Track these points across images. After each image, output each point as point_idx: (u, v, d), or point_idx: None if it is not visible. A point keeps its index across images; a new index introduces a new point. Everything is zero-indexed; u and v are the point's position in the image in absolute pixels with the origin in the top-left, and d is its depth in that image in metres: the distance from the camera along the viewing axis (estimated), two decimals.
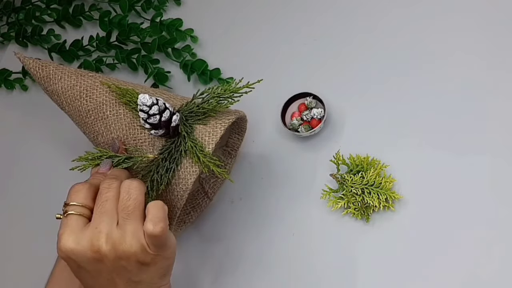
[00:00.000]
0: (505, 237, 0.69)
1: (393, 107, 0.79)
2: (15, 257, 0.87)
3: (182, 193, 0.69)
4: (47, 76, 0.75)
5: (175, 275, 0.78)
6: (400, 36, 0.82)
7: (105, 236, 0.57)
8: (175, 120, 0.66)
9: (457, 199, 0.72)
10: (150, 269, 0.59)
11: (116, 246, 0.57)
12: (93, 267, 0.58)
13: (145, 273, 0.59)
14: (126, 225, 0.57)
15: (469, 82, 0.77)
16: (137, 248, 0.57)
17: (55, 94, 0.76)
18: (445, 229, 0.71)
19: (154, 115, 0.65)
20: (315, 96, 0.80)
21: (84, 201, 0.59)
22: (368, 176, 0.72)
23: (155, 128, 0.66)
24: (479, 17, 0.80)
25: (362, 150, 0.76)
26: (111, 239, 0.57)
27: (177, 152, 0.68)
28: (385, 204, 0.72)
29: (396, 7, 0.84)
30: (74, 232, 0.57)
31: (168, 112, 0.66)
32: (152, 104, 0.64)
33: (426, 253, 0.70)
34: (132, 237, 0.57)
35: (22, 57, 0.77)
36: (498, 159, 0.72)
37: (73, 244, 0.57)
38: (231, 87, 0.70)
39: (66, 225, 0.58)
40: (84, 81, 0.73)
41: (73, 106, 0.75)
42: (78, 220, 0.58)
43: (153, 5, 0.95)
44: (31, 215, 0.88)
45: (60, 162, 0.89)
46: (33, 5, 1.01)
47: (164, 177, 0.68)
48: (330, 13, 0.88)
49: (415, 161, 0.75)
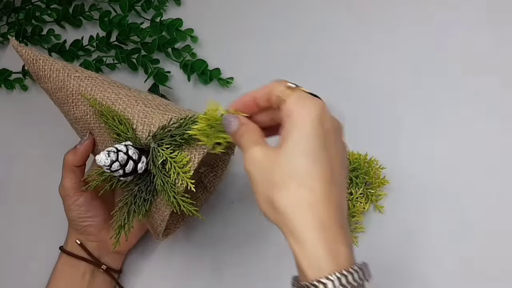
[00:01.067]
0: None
1: (393, 107, 0.79)
2: (17, 255, 0.87)
3: (160, 222, 0.68)
4: (37, 72, 0.73)
5: (175, 274, 0.79)
6: (400, 36, 0.83)
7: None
8: (141, 168, 0.64)
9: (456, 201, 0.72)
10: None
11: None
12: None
13: None
14: None
15: (469, 81, 0.77)
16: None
17: (47, 92, 0.74)
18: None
19: (116, 170, 0.63)
20: (315, 96, 0.79)
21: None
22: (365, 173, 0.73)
23: (123, 176, 0.65)
24: (478, 14, 0.80)
25: (362, 150, 0.76)
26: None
27: (152, 185, 0.65)
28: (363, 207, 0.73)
29: (395, 7, 0.84)
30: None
31: (132, 164, 0.63)
32: (112, 162, 0.62)
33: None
34: None
35: (16, 44, 0.73)
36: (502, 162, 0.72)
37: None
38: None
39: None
40: (70, 83, 0.70)
41: (63, 110, 0.73)
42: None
43: (153, 5, 0.95)
44: (31, 215, 0.88)
45: (60, 162, 0.89)
46: (33, 5, 1.00)
47: (142, 207, 0.66)
48: (331, 13, 0.88)
49: (414, 162, 0.75)
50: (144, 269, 0.80)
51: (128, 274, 0.80)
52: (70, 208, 0.73)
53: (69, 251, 0.74)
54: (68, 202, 0.73)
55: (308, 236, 0.49)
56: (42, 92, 0.96)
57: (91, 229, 0.74)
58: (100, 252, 0.75)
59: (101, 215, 0.74)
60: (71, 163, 0.72)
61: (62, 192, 0.73)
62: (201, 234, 0.80)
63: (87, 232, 0.74)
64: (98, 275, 0.75)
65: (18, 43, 0.73)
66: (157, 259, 0.80)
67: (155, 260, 0.80)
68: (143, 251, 0.81)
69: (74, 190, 0.72)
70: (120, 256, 0.78)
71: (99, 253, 0.75)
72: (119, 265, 0.78)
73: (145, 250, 0.81)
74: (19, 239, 0.88)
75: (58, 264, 0.75)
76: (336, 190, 0.51)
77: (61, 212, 0.76)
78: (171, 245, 0.80)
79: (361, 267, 0.49)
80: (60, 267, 0.75)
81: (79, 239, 0.74)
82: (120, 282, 0.78)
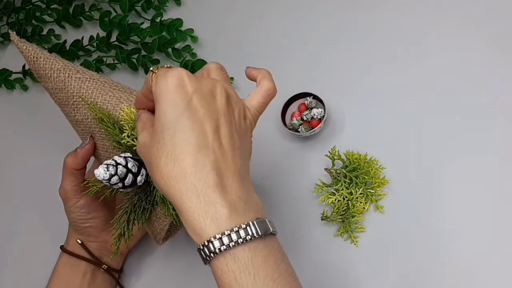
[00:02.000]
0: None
1: (394, 107, 0.79)
2: (18, 254, 0.87)
3: (160, 231, 0.67)
4: (38, 71, 0.70)
5: (176, 274, 0.79)
6: (400, 36, 0.83)
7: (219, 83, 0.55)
8: (140, 181, 0.64)
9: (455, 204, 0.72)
10: (250, 134, 0.55)
11: (229, 91, 0.55)
12: (206, 102, 0.52)
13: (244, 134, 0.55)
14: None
15: (471, 81, 0.77)
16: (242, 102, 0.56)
17: (48, 92, 0.72)
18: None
19: (115, 184, 0.62)
20: (315, 96, 0.80)
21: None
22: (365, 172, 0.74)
23: (122, 189, 0.64)
24: (478, 14, 0.80)
25: (362, 150, 0.76)
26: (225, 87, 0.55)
27: (152, 195, 0.65)
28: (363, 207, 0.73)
29: (394, 7, 0.85)
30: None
31: (131, 177, 0.63)
32: (111, 176, 0.61)
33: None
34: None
35: (17, 40, 0.70)
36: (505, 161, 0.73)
37: (191, 75, 0.53)
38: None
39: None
40: (71, 84, 0.68)
41: (65, 111, 0.72)
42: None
43: (153, 5, 0.95)
44: (31, 215, 0.88)
45: (60, 163, 0.89)
46: (33, 5, 1.01)
47: (142, 216, 0.66)
48: (331, 13, 0.88)
49: (414, 162, 0.75)
50: (144, 268, 0.80)
51: (128, 274, 0.80)
52: (71, 210, 0.73)
53: (70, 251, 0.74)
54: (68, 204, 0.73)
55: (184, 206, 0.49)
56: (42, 92, 0.96)
57: (91, 230, 0.74)
58: (100, 252, 0.75)
59: (102, 216, 0.74)
60: (71, 166, 0.71)
61: (62, 194, 0.73)
62: None
63: (88, 233, 0.74)
64: (98, 274, 0.75)
65: (18, 39, 0.70)
66: (158, 259, 0.80)
67: (156, 260, 0.80)
68: (144, 251, 0.81)
69: (74, 192, 0.72)
70: (121, 256, 0.78)
71: (100, 253, 0.75)
72: (119, 265, 0.78)
73: (146, 249, 0.81)
74: (20, 239, 0.88)
75: (59, 263, 0.75)
76: (209, 153, 0.50)
77: (61, 212, 0.76)
78: (172, 245, 0.80)
79: (247, 225, 0.48)
80: (61, 267, 0.75)
81: (80, 239, 0.75)
82: (121, 282, 0.79)
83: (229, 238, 0.47)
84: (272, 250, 0.49)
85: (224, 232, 0.48)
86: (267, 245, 0.49)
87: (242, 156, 0.53)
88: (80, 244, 0.74)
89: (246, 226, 0.48)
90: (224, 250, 0.47)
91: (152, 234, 0.70)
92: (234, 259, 0.47)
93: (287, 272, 0.50)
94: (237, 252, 0.47)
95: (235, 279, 0.47)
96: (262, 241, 0.49)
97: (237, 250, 0.47)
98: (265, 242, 0.49)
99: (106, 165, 0.61)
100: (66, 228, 0.76)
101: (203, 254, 0.49)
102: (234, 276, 0.47)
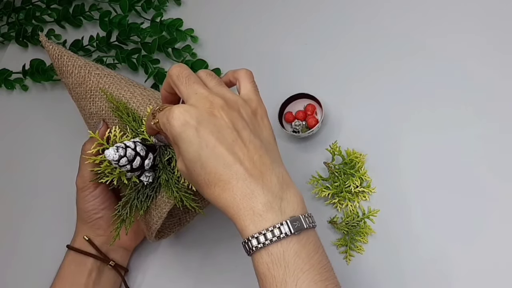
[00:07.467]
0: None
1: (392, 107, 0.79)
2: (24, 253, 0.87)
3: (157, 220, 0.69)
4: (61, 68, 0.76)
5: (181, 273, 0.79)
6: (399, 35, 0.83)
7: (211, 93, 0.57)
8: (148, 164, 0.66)
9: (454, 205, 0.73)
10: (265, 120, 0.59)
11: (224, 97, 0.57)
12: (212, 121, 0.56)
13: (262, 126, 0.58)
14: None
15: (468, 79, 0.77)
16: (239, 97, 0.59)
17: (67, 87, 0.76)
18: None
19: (124, 165, 0.64)
20: (313, 97, 0.80)
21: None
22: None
23: (130, 171, 0.66)
24: (476, 13, 0.81)
25: (363, 150, 0.77)
26: (216, 93, 0.57)
27: (156, 181, 0.67)
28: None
29: (394, 7, 0.85)
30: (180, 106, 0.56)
31: (139, 160, 0.65)
32: (120, 157, 0.64)
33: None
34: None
35: (44, 41, 0.76)
36: (498, 157, 0.73)
37: (186, 107, 0.56)
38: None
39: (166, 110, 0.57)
40: (90, 79, 0.73)
41: (80, 105, 0.75)
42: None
43: (153, 5, 0.95)
44: (33, 214, 0.89)
45: (60, 162, 0.89)
46: (33, 5, 1.01)
47: (144, 203, 0.68)
48: (329, 14, 0.88)
49: (414, 162, 0.75)
50: (150, 267, 0.80)
51: (134, 272, 0.80)
52: (86, 199, 0.73)
53: (77, 248, 0.75)
54: (84, 192, 0.73)
55: (230, 212, 0.55)
56: (42, 92, 0.96)
57: (101, 222, 0.74)
58: (107, 248, 0.75)
59: (112, 209, 0.74)
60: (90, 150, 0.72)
61: (79, 183, 0.73)
62: (206, 234, 0.80)
63: (98, 225, 0.74)
64: (104, 273, 0.76)
65: (46, 39, 0.77)
66: (163, 258, 0.80)
67: (161, 259, 0.80)
68: (149, 249, 0.81)
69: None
70: (127, 252, 0.78)
71: (107, 248, 0.75)
72: (125, 262, 0.79)
73: (151, 248, 0.81)
74: (25, 237, 0.88)
75: (65, 262, 0.75)
76: (238, 167, 0.54)
77: (67, 211, 0.76)
78: (176, 243, 0.80)
79: (281, 224, 0.53)
80: (67, 265, 0.75)
81: (88, 235, 0.75)
82: (126, 281, 0.79)
83: (265, 237, 0.53)
84: (306, 243, 0.54)
85: (260, 232, 0.53)
86: (300, 240, 0.53)
87: (268, 150, 0.57)
88: (87, 240, 0.74)
89: (280, 226, 0.53)
90: (260, 248, 0.53)
91: (147, 226, 0.71)
92: (268, 254, 0.53)
93: (320, 263, 0.54)
94: (271, 248, 0.53)
95: (268, 269, 0.53)
96: (296, 237, 0.53)
97: (271, 246, 0.53)
98: (299, 238, 0.53)
99: (116, 147, 0.64)
100: (72, 227, 0.77)
101: (245, 248, 0.54)
102: (267, 267, 0.53)
